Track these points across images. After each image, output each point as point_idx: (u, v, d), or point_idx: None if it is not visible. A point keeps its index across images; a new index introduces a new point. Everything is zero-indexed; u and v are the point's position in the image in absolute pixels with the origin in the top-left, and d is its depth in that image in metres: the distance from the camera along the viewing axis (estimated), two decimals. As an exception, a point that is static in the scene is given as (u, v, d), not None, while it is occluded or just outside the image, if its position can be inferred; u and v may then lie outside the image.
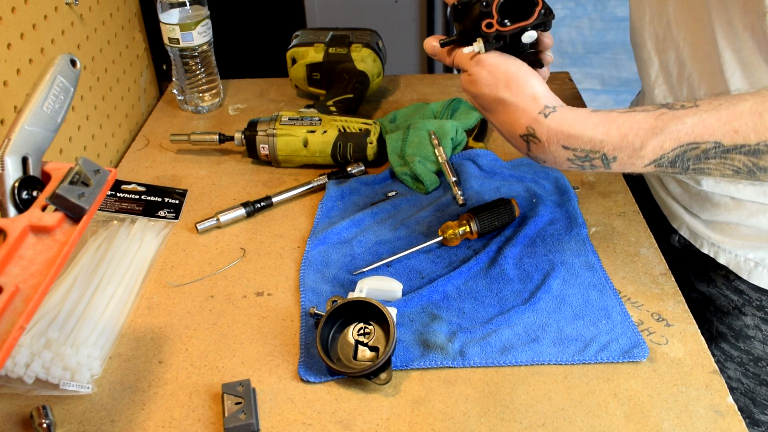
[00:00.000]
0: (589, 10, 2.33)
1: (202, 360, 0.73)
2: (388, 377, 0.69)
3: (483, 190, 0.95)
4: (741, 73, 0.71)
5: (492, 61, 0.66)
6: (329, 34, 1.22)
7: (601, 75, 2.45)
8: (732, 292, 0.87)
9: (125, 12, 1.16)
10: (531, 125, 0.64)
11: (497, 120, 0.68)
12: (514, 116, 0.65)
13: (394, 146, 1.01)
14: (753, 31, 0.67)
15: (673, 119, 0.60)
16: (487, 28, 0.66)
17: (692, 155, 0.60)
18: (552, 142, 0.63)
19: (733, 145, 0.58)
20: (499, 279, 0.81)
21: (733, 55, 0.71)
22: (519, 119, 0.65)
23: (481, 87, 0.67)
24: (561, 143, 0.63)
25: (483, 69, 0.66)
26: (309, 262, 0.85)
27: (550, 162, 0.65)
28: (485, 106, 0.69)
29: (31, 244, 0.53)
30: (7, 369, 0.68)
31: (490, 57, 0.67)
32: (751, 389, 0.90)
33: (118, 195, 0.97)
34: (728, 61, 0.71)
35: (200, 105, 1.21)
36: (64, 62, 0.60)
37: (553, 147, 0.63)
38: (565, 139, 0.63)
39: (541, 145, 0.64)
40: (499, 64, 0.66)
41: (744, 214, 0.81)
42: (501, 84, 0.66)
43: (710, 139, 0.59)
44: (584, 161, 0.63)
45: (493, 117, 0.69)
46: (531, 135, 0.64)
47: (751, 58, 0.69)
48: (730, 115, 0.58)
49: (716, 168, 0.60)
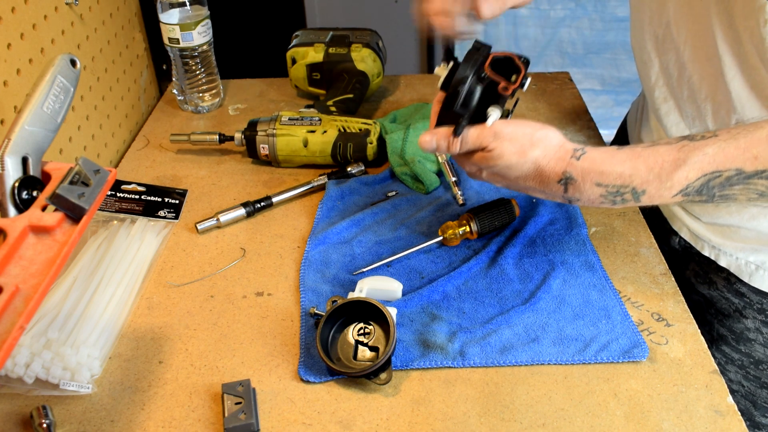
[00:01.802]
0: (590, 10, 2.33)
1: (202, 360, 0.73)
2: (388, 377, 0.69)
3: (483, 190, 0.95)
4: (742, 76, 0.71)
5: (508, 130, 0.68)
6: (329, 34, 1.22)
7: (601, 75, 2.45)
8: (733, 295, 0.87)
9: (125, 12, 1.16)
10: (566, 169, 0.67)
11: (532, 179, 0.69)
12: (548, 167, 0.67)
13: (394, 146, 1.01)
14: (752, 35, 0.67)
15: (694, 150, 0.63)
16: (504, 91, 0.67)
17: (716, 183, 0.63)
18: (586, 181, 0.66)
19: (755, 171, 0.61)
20: (499, 279, 0.81)
21: (734, 58, 0.71)
22: (555, 168, 0.67)
23: (509, 157, 0.67)
24: (594, 181, 0.66)
25: (504, 140, 0.67)
26: (309, 262, 0.85)
27: (585, 200, 0.67)
28: (515, 174, 0.69)
29: (31, 244, 0.53)
30: (7, 369, 0.68)
31: (504, 126, 0.67)
32: (751, 392, 0.90)
33: (118, 195, 0.97)
34: (728, 65, 0.71)
35: (200, 105, 1.21)
36: (64, 62, 0.60)
37: (587, 186, 0.66)
38: (597, 176, 0.66)
39: (577, 185, 0.67)
40: (515, 129, 0.68)
41: (745, 217, 0.81)
42: (527, 146, 0.67)
43: (732, 167, 0.62)
44: (616, 196, 0.66)
45: (525, 180, 0.69)
46: (568, 178, 0.67)
47: (752, 61, 0.69)
48: (748, 142, 0.61)
49: (741, 193, 0.63)
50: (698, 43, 0.74)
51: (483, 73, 0.68)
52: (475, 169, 0.72)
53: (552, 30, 2.37)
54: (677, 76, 0.80)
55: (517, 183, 0.70)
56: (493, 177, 0.71)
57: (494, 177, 0.71)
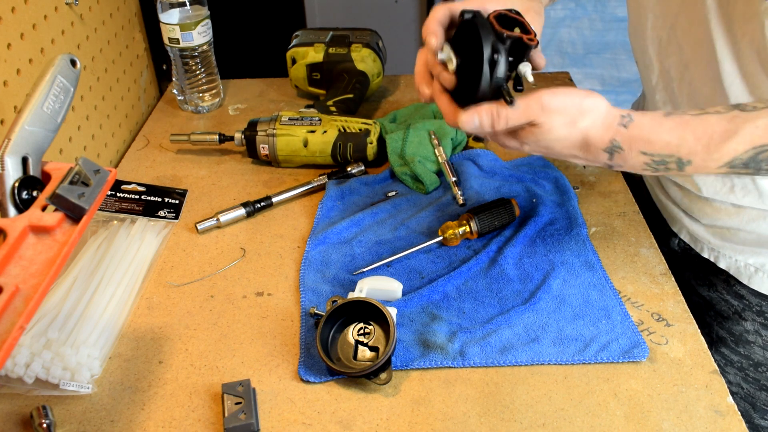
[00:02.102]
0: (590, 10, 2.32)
1: (202, 360, 0.73)
2: (388, 377, 0.69)
3: (483, 190, 0.95)
4: (740, 82, 0.71)
5: (557, 101, 0.62)
6: (329, 34, 1.22)
7: (601, 75, 2.45)
8: (732, 297, 0.87)
9: (125, 12, 1.16)
10: (614, 137, 0.63)
11: (578, 148, 0.65)
12: (596, 136, 0.64)
13: (394, 146, 1.01)
14: (752, 40, 0.67)
15: (746, 121, 0.60)
16: (531, 41, 0.63)
17: (765, 157, 0.61)
18: (632, 150, 0.63)
19: None
20: (499, 279, 0.81)
21: (733, 63, 0.70)
22: (603, 136, 0.64)
23: (558, 130, 0.63)
24: (640, 149, 0.63)
25: (553, 113, 0.62)
26: (309, 262, 0.85)
27: (628, 167, 0.65)
28: (561, 146, 0.65)
29: (31, 244, 0.53)
30: (7, 369, 0.68)
31: (551, 98, 0.63)
32: (751, 394, 0.90)
33: (118, 195, 0.97)
34: (727, 70, 0.71)
35: (200, 105, 1.20)
36: (64, 62, 0.60)
37: (633, 154, 0.63)
38: (644, 144, 0.63)
39: (622, 154, 0.64)
40: (564, 99, 0.63)
41: (744, 219, 0.81)
42: (577, 116, 0.63)
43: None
44: (659, 165, 0.63)
45: (570, 149, 0.65)
46: (615, 146, 0.64)
47: (750, 67, 0.69)
48: None
49: None
50: (699, 47, 0.74)
51: (502, 34, 0.63)
52: (515, 143, 0.67)
53: (552, 30, 2.37)
54: (678, 80, 0.80)
55: (560, 153, 0.66)
56: (535, 148, 0.67)
57: (537, 148, 0.67)
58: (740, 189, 0.80)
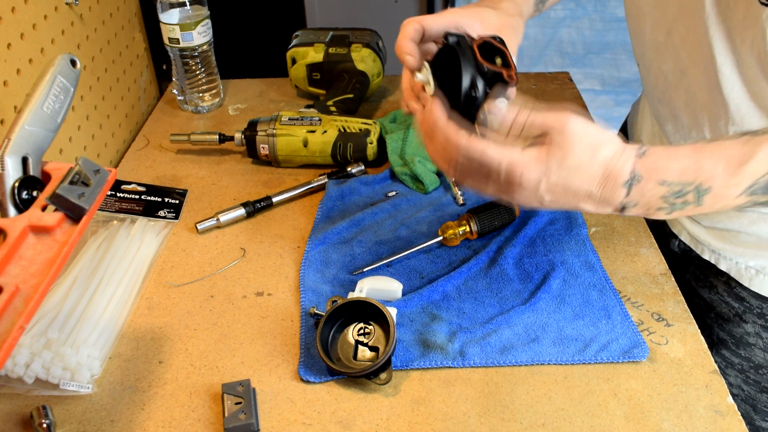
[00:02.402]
0: (590, 10, 2.33)
1: (202, 360, 0.73)
2: (388, 377, 0.69)
3: (483, 190, 0.95)
4: (741, 88, 0.70)
5: (575, 123, 0.57)
6: (329, 34, 1.22)
7: (601, 75, 2.45)
8: (733, 299, 0.86)
9: (125, 12, 1.16)
10: (634, 168, 0.58)
11: (597, 183, 0.58)
12: (617, 167, 0.58)
13: (394, 146, 1.01)
14: (753, 47, 0.66)
15: (760, 144, 0.58)
16: (510, 79, 0.61)
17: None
18: (651, 179, 0.59)
19: None
20: (499, 279, 0.81)
21: (733, 69, 0.70)
22: (623, 167, 0.58)
23: (580, 155, 0.57)
24: (659, 179, 0.59)
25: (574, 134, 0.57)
26: (309, 262, 0.85)
27: (643, 204, 0.59)
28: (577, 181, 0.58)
29: (31, 244, 0.53)
30: (7, 369, 0.68)
31: (576, 119, 0.57)
32: (751, 396, 0.90)
33: (118, 195, 0.97)
34: (727, 76, 0.70)
35: (200, 105, 1.20)
36: (64, 62, 0.60)
37: (651, 185, 0.59)
38: (663, 172, 0.58)
39: (641, 186, 0.58)
40: (585, 123, 0.58)
41: (745, 222, 0.81)
42: (598, 143, 0.58)
43: None
44: (677, 197, 0.59)
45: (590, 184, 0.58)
46: (635, 177, 0.59)
47: (750, 72, 0.69)
48: None
49: None
50: (696, 53, 0.74)
51: (484, 67, 0.61)
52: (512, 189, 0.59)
53: (552, 30, 2.37)
54: (675, 85, 0.80)
55: (575, 190, 0.58)
56: (541, 190, 0.58)
57: (546, 188, 0.58)
58: None
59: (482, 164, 0.59)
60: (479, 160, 0.59)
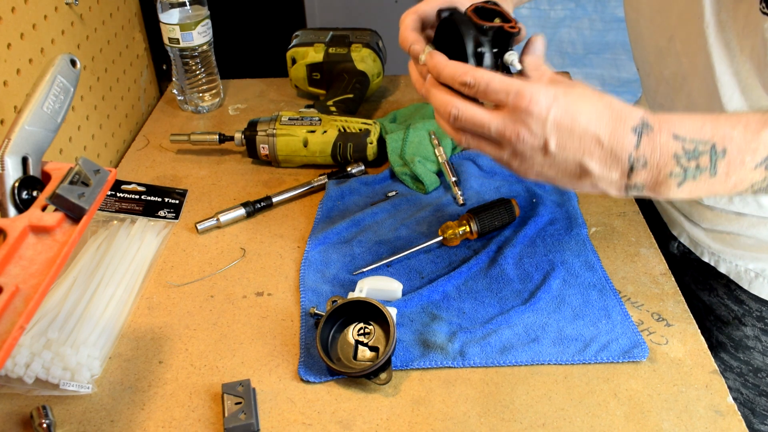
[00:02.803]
0: (590, 10, 2.32)
1: (202, 360, 0.73)
2: (388, 377, 0.69)
3: (483, 190, 0.95)
4: (739, 96, 0.70)
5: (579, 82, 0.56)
6: (329, 34, 1.22)
7: (602, 75, 2.45)
8: (732, 302, 0.86)
9: (125, 12, 1.16)
10: (644, 116, 0.56)
11: (606, 123, 0.56)
12: (624, 109, 0.56)
13: (394, 146, 1.01)
14: (751, 56, 0.66)
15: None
16: (512, 29, 0.60)
17: None
18: (663, 131, 0.55)
19: None
20: (499, 279, 0.81)
21: (732, 78, 0.69)
22: (632, 112, 0.56)
23: (586, 95, 0.56)
24: (672, 132, 0.55)
25: (575, 83, 0.57)
26: (309, 262, 0.85)
27: (652, 167, 0.56)
28: (585, 119, 0.56)
29: (31, 244, 0.53)
30: (7, 369, 0.68)
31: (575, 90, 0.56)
32: (750, 399, 0.90)
33: (118, 195, 0.97)
34: (725, 84, 0.70)
35: (200, 105, 1.21)
36: (64, 62, 0.60)
37: (664, 137, 0.55)
38: (675, 126, 0.56)
39: (652, 136, 0.55)
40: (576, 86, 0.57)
41: (744, 225, 0.81)
42: (601, 94, 0.57)
43: None
44: (691, 158, 0.55)
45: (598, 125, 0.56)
46: (645, 125, 0.56)
47: (749, 81, 0.68)
48: None
49: None
50: (697, 60, 0.73)
51: (482, 26, 0.59)
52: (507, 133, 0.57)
53: (552, 30, 2.37)
54: (676, 90, 0.80)
55: (580, 138, 0.56)
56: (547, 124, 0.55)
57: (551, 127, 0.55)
58: (739, 200, 0.79)
59: (488, 93, 0.57)
60: (485, 91, 0.57)
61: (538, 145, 0.56)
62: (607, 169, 0.57)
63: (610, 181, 0.58)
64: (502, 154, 0.59)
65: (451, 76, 0.58)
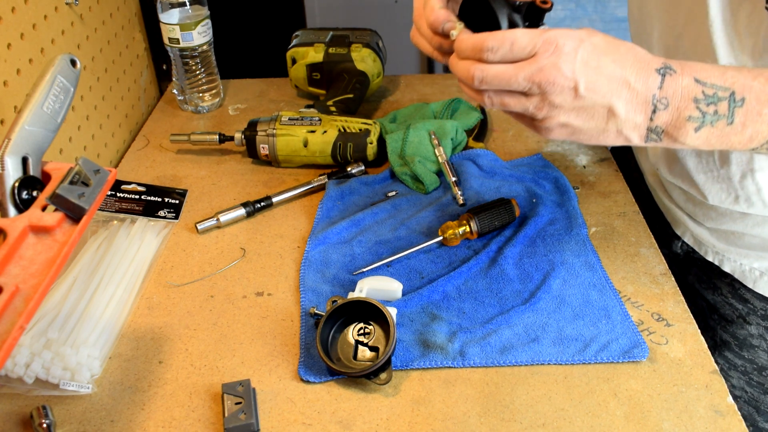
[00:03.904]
0: (590, 10, 2.32)
1: (202, 360, 0.73)
2: (388, 377, 0.69)
3: (483, 190, 0.95)
4: None
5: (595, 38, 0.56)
6: (329, 34, 1.22)
7: (601, 75, 2.45)
8: (737, 301, 0.86)
9: (125, 12, 1.16)
10: (666, 60, 0.58)
11: (631, 65, 0.57)
12: (647, 55, 0.58)
13: (394, 146, 1.01)
14: (753, 53, 0.66)
15: None
16: (544, 4, 0.60)
17: None
18: (685, 73, 0.57)
19: None
20: (499, 279, 0.81)
21: None
22: (654, 57, 0.58)
23: (605, 40, 0.57)
24: (694, 75, 0.57)
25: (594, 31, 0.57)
26: (309, 262, 0.85)
27: (673, 109, 0.57)
28: (611, 57, 0.57)
29: (31, 244, 0.53)
30: (7, 369, 0.68)
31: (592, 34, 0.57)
32: (754, 398, 0.90)
33: (118, 195, 0.97)
34: None
35: (200, 105, 1.21)
36: (64, 62, 0.60)
37: (686, 80, 0.57)
38: (697, 71, 0.57)
39: (674, 78, 0.57)
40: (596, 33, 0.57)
41: (749, 224, 0.81)
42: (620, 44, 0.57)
43: None
44: (710, 103, 0.56)
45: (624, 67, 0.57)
46: (668, 67, 0.57)
47: None
48: None
49: None
50: (704, 58, 0.73)
51: (515, 2, 0.59)
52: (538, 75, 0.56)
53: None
54: None
55: (608, 79, 0.56)
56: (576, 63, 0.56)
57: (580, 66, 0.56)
58: (744, 200, 0.79)
59: (514, 51, 0.56)
60: (511, 48, 0.56)
61: (569, 86, 0.56)
62: (633, 111, 0.57)
63: (635, 125, 0.58)
64: (529, 103, 0.59)
65: (473, 46, 0.58)
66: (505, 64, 0.57)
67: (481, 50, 0.57)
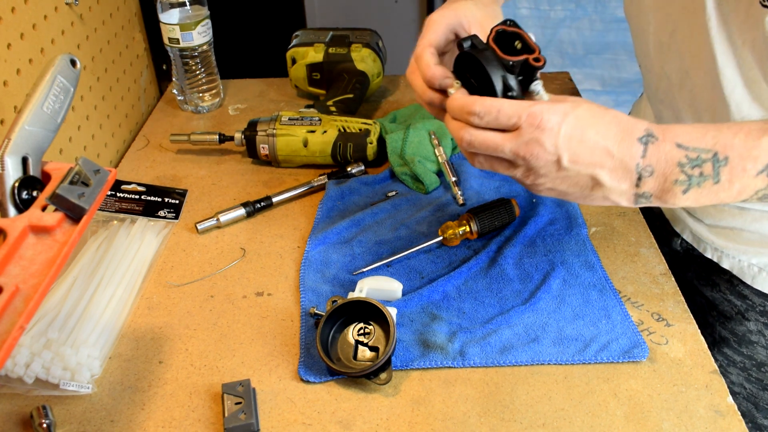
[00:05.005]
0: (590, 11, 2.32)
1: (202, 360, 0.73)
2: (388, 377, 0.69)
3: (483, 190, 0.95)
4: (742, 89, 0.70)
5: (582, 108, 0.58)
6: (329, 34, 1.22)
7: (602, 75, 2.45)
8: (735, 297, 0.86)
9: (125, 12, 1.16)
10: (648, 127, 0.59)
11: (613, 137, 0.58)
12: (630, 122, 0.59)
13: (394, 146, 1.01)
14: (753, 48, 0.66)
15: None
16: (537, 62, 0.60)
17: None
18: (667, 140, 0.58)
19: None
20: (499, 279, 0.81)
21: (734, 71, 0.70)
22: (637, 123, 0.59)
23: (591, 111, 0.59)
24: (675, 141, 0.58)
25: (580, 100, 0.60)
26: (309, 262, 0.85)
27: (659, 175, 0.58)
28: (593, 131, 0.58)
29: (31, 244, 0.53)
30: (7, 369, 0.68)
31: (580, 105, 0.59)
32: (753, 394, 0.90)
33: (118, 195, 0.97)
34: (728, 77, 0.70)
35: (200, 105, 1.21)
36: (64, 62, 0.60)
37: (668, 146, 0.58)
38: (678, 135, 0.58)
39: (657, 145, 0.58)
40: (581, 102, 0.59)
41: (748, 219, 0.81)
42: (606, 108, 0.59)
43: None
44: (694, 166, 0.58)
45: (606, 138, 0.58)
46: (650, 134, 0.58)
47: (751, 74, 0.68)
48: None
49: None
50: (699, 54, 0.74)
51: (509, 62, 0.60)
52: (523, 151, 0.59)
53: (552, 30, 2.37)
54: (678, 86, 0.80)
55: (591, 151, 0.58)
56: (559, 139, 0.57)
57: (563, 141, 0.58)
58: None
59: (499, 120, 0.59)
60: (497, 117, 0.59)
61: (552, 160, 0.58)
62: (617, 180, 0.59)
63: (621, 192, 0.60)
64: (516, 172, 0.61)
65: (461, 107, 0.60)
66: (493, 132, 0.60)
67: (469, 113, 0.60)
